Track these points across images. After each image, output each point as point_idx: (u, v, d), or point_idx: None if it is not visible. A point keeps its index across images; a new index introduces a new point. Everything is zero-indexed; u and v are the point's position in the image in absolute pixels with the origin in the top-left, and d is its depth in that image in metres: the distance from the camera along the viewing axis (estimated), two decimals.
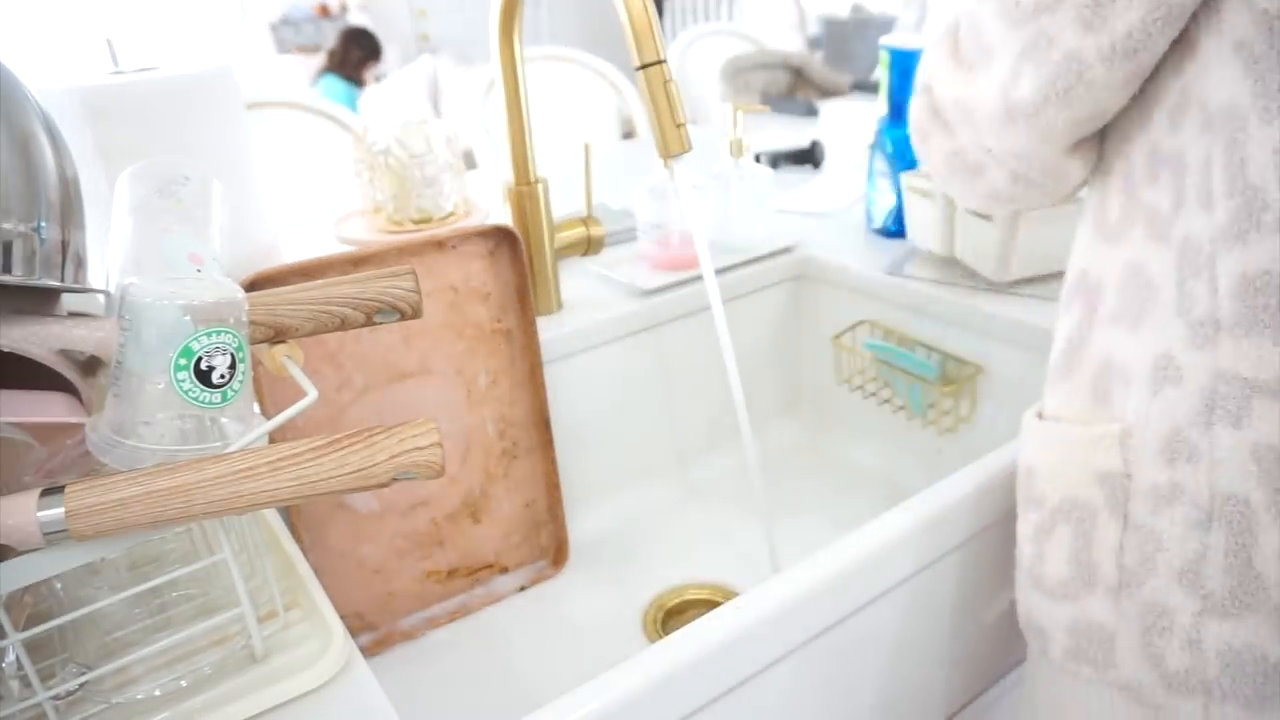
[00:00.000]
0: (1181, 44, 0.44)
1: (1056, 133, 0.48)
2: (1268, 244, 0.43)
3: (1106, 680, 0.52)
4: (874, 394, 0.91)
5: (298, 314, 0.50)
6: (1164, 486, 0.48)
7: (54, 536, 0.36)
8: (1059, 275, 0.60)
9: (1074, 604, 0.53)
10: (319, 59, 3.90)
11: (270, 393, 0.64)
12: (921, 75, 0.55)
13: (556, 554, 0.83)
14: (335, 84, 3.67)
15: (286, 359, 0.51)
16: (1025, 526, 0.57)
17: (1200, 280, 0.45)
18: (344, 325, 0.51)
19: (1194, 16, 0.43)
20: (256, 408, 0.47)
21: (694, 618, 0.53)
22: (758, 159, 1.26)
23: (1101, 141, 0.52)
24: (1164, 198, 0.47)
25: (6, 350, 0.42)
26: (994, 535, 0.64)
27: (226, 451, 0.40)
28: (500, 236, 0.73)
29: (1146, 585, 0.49)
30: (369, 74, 3.85)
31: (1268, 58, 0.41)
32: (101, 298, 0.52)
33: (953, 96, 0.52)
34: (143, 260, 0.48)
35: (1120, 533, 0.50)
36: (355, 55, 3.78)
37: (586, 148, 0.87)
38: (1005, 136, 0.50)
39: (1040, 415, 0.58)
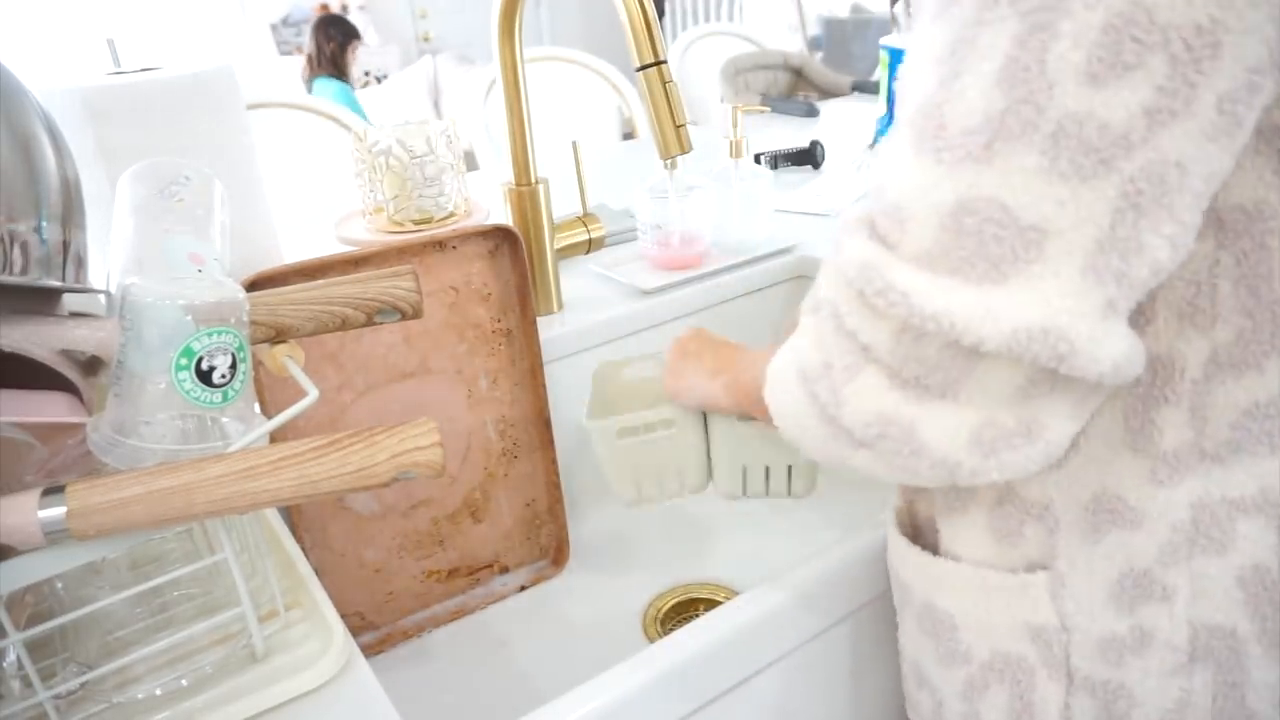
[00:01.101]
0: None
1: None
2: None
3: None
4: None
5: (298, 314, 0.50)
6: (1125, 636, 0.43)
7: (55, 536, 0.36)
8: None
9: None
10: (304, 67, 3.83)
11: (271, 393, 0.64)
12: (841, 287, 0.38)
13: (557, 554, 0.83)
14: (326, 85, 3.61)
15: (287, 359, 0.51)
16: (951, 682, 0.50)
17: (1176, 409, 0.40)
18: (345, 325, 0.51)
19: None
20: (257, 407, 0.47)
21: (694, 618, 0.53)
22: (758, 159, 1.26)
23: None
24: None
25: (7, 350, 0.42)
26: None
27: (228, 451, 0.40)
28: (501, 236, 0.73)
29: None
30: (353, 60, 3.76)
31: None
32: (102, 298, 0.53)
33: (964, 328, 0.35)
34: (144, 260, 0.48)
35: (1065, 692, 0.45)
36: (329, 47, 3.69)
37: (575, 145, 0.87)
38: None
39: (908, 524, 0.52)
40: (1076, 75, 0.31)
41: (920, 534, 0.53)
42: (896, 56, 0.92)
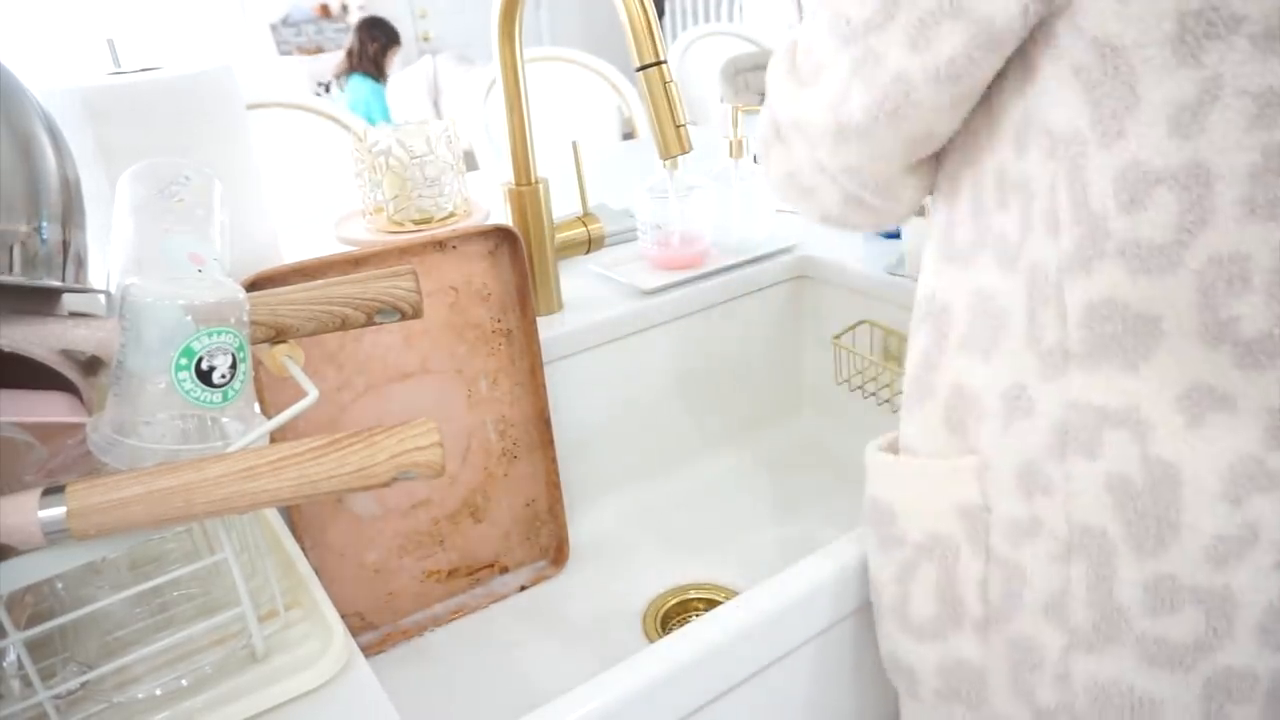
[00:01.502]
0: (1022, 67, 0.43)
1: (888, 151, 0.47)
2: (1110, 271, 0.42)
3: (979, 718, 0.51)
4: (874, 394, 0.91)
5: (298, 314, 0.50)
6: (1023, 520, 0.47)
7: (55, 536, 0.36)
8: None
9: (942, 643, 0.52)
10: (337, 61, 3.87)
11: (271, 393, 0.64)
12: (766, 92, 0.54)
13: (557, 554, 0.83)
14: (361, 84, 3.64)
15: (287, 359, 0.51)
16: (887, 567, 0.54)
17: (1049, 309, 0.44)
18: (344, 325, 0.51)
19: (1033, 39, 0.41)
20: (257, 407, 0.47)
21: (694, 618, 0.53)
22: (757, 160, 1.26)
23: (944, 162, 0.50)
24: (1012, 224, 0.45)
25: (7, 350, 0.42)
26: None
27: (228, 451, 0.40)
28: (501, 236, 0.73)
29: (1013, 621, 0.48)
30: (391, 64, 3.81)
31: (1103, 84, 0.39)
32: (102, 298, 0.53)
33: (789, 114, 0.50)
34: (144, 260, 0.48)
35: (984, 566, 0.49)
36: (372, 47, 3.74)
37: (575, 145, 0.87)
38: (838, 154, 0.48)
39: (891, 449, 0.56)
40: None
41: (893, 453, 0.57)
42: None
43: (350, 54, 3.77)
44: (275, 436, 0.44)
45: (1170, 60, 0.38)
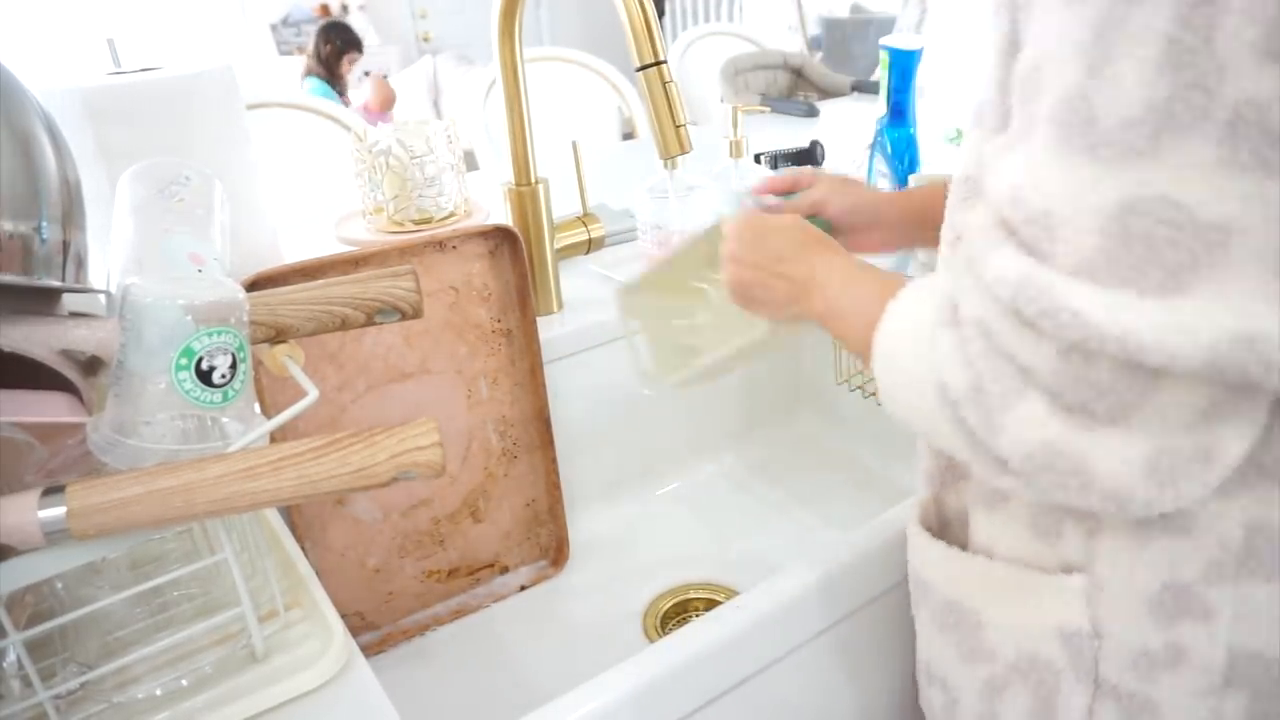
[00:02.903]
0: None
1: None
2: None
3: None
4: (874, 394, 0.91)
5: (298, 314, 0.50)
6: (1156, 649, 0.41)
7: (55, 536, 0.36)
8: None
9: None
10: (304, 64, 3.87)
11: (271, 393, 0.64)
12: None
13: (557, 554, 0.83)
14: (315, 87, 3.63)
15: (287, 359, 0.51)
16: (971, 680, 0.49)
17: (1241, 420, 0.37)
18: (344, 325, 0.51)
19: None
20: (257, 407, 0.47)
21: (693, 618, 0.53)
22: (758, 159, 1.25)
23: None
24: None
25: (7, 350, 0.42)
26: None
27: (228, 451, 0.40)
28: (501, 236, 0.73)
29: None
30: (348, 69, 3.79)
31: None
32: (102, 298, 0.53)
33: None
34: (144, 260, 0.48)
35: (1090, 698, 0.44)
36: (325, 49, 3.71)
37: (575, 145, 0.87)
38: None
39: (927, 523, 0.51)
40: (1252, 54, 0.28)
41: (948, 529, 0.51)
42: (896, 56, 0.91)
43: (309, 56, 3.76)
44: (275, 436, 0.44)
45: None
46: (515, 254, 0.73)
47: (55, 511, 0.36)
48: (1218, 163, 0.29)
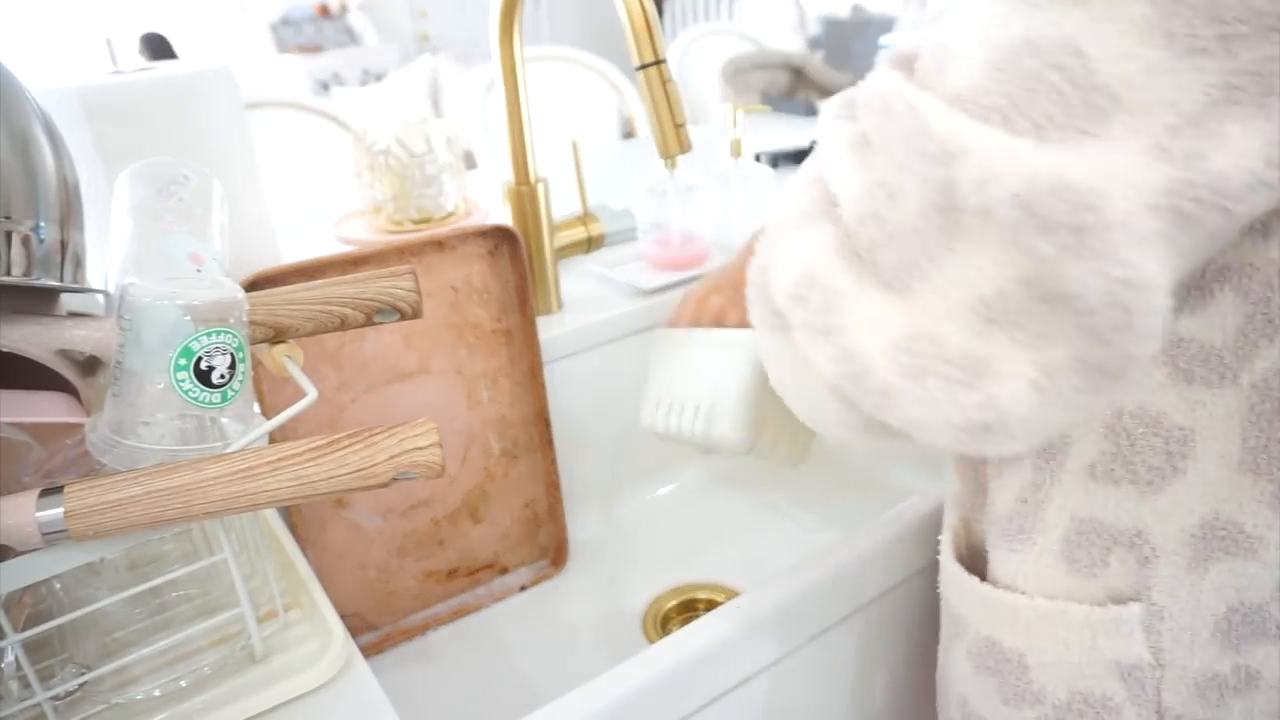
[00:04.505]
0: None
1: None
2: None
3: None
4: None
5: (298, 314, 0.50)
6: (1228, 675, 0.39)
7: (53, 537, 0.36)
8: None
9: None
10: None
11: (270, 393, 0.64)
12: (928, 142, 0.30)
13: (556, 554, 0.82)
14: None
15: (286, 359, 0.51)
16: None
17: None
18: (344, 325, 0.51)
19: None
20: (256, 408, 0.47)
21: (694, 618, 0.53)
22: (758, 159, 1.25)
23: None
24: (1218, 322, 0.34)
25: (6, 350, 0.42)
26: None
27: (226, 451, 0.40)
28: (500, 236, 0.72)
29: None
30: None
31: None
32: (101, 298, 0.52)
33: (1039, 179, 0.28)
34: (142, 260, 0.48)
35: None
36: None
37: (575, 145, 0.87)
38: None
39: (960, 557, 0.49)
40: None
41: (978, 558, 0.49)
42: None
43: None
44: (275, 437, 0.44)
45: None
46: (515, 254, 0.73)
47: (53, 512, 0.36)
48: (1143, 22, 0.26)
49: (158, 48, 3.50)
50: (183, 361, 0.41)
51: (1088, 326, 0.28)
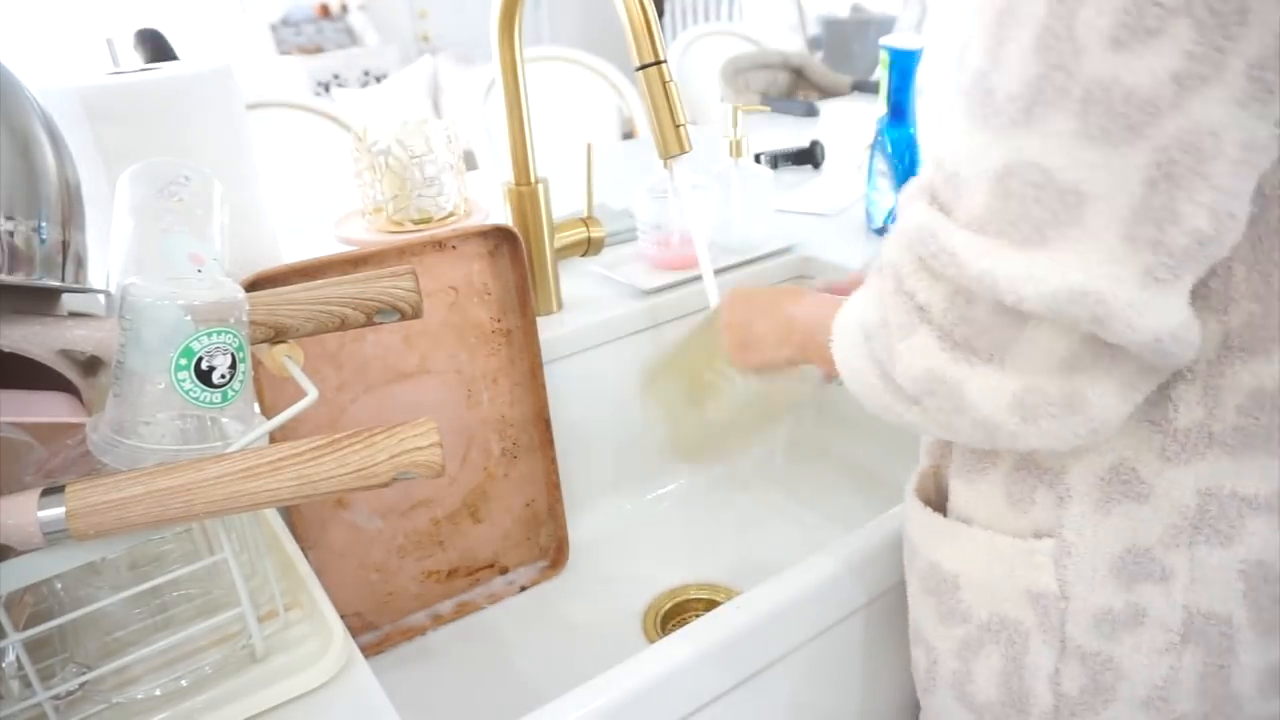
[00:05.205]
0: None
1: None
2: None
3: None
4: None
5: (298, 314, 0.50)
6: (1119, 610, 0.44)
7: (54, 536, 0.36)
8: None
9: None
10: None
11: (270, 393, 0.64)
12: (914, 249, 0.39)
13: (557, 554, 0.83)
14: None
15: (287, 359, 0.51)
16: (946, 640, 0.51)
17: (1191, 388, 0.40)
18: (344, 325, 0.51)
19: None
20: (257, 407, 0.47)
21: (694, 618, 0.53)
22: (758, 159, 1.26)
23: None
24: None
25: (7, 350, 0.42)
26: None
27: (227, 451, 0.40)
28: (500, 236, 0.73)
29: (1100, 715, 0.45)
30: None
31: None
32: (102, 298, 0.53)
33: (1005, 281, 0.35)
34: (143, 260, 0.48)
35: (1057, 658, 0.46)
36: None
37: (589, 148, 0.87)
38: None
39: (924, 494, 0.53)
40: (1102, 41, 0.31)
41: (941, 498, 0.53)
42: (896, 56, 0.91)
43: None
44: (275, 437, 0.44)
45: None
46: (515, 254, 0.73)
47: (54, 512, 0.36)
48: (1074, 134, 0.33)
49: (153, 44, 3.49)
50: (183, 361, 0.41)
51: (1144, 360, 0.36)
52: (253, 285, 0.60)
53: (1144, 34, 0.31)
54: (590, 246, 0.89)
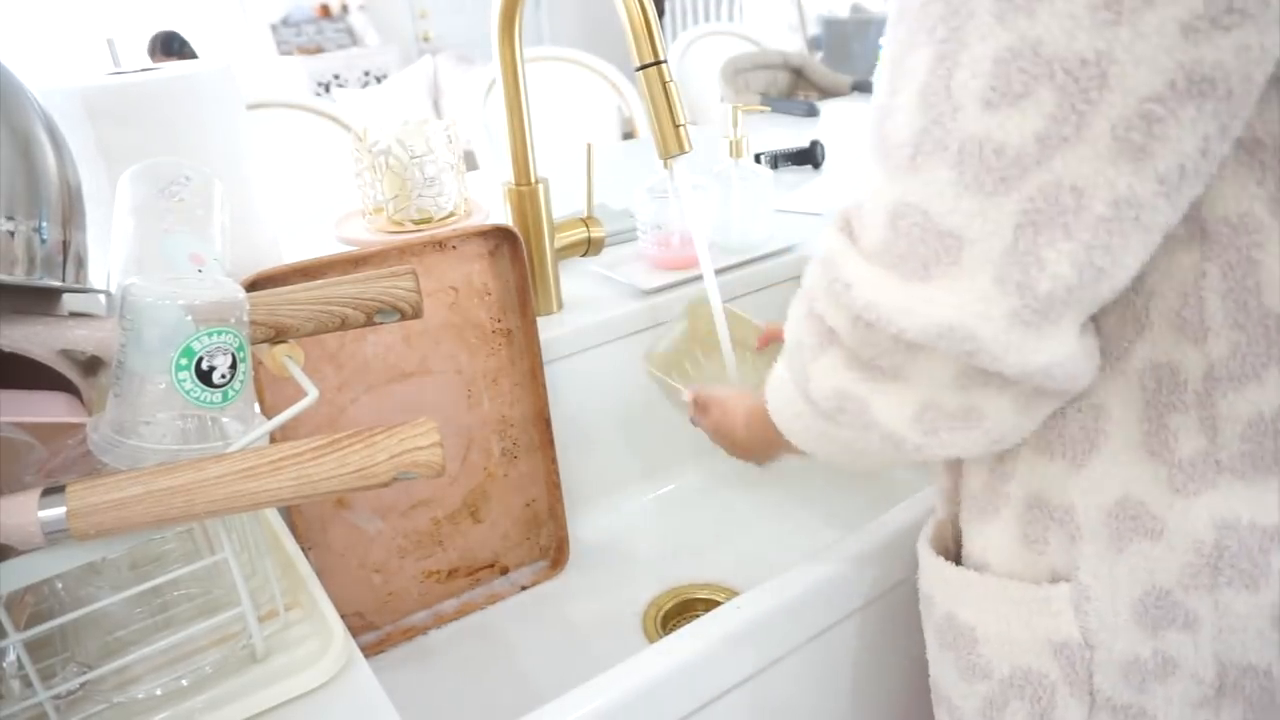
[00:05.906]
0: None
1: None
2: None
3: None
4: None
5: (298, 314, 0.50)
6: (1148, 660, 0.41)
7: (55, 536, 0.36)
8: None
9: None
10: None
11: (271, 393, 0.64)
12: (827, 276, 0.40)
13: (557, 554, 0.83)
14: None
15: (287, 359, 0.51)
16: (970, 698, 0.49)
17: (1187, 417, 0.39)
18: (344, 325, 0.51)
19: None
20: (257, 407, 0.47)
21: (694, 618, 0.53)
22: (758, 159, 1.26)
23: None
24: (1108, 320, 0.40)
25: (7, 350, 0.42)
26: None
27: (228, 451, 0.40)
28: (500, 236, 0.73)
29: None
30: None
31: None
32: (102, 298, 0.53)
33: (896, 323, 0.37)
34: (144, 260, 0.48)
35: (1087, 713, 0.44)
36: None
37: (589, 148, 0.87)
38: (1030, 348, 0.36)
39: (940, 543, 0.52)
40: (975, 101, 0.34)
41: (958, 548, 0.51)
42: None
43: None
44: (275, 437, 0.44)
45: None
46: (515, 254, 0.73)
47: (55, 511, 0.36)
48: (952, 182, 0.35)
49: (171, 47, 3.48)
50: (184, 361, 0.41)
51: (1027, 386, 0.38)
52: (253, 285, 0.60)
53: (1011, 97, 0.33)
54: (590, 246, 0.89)
